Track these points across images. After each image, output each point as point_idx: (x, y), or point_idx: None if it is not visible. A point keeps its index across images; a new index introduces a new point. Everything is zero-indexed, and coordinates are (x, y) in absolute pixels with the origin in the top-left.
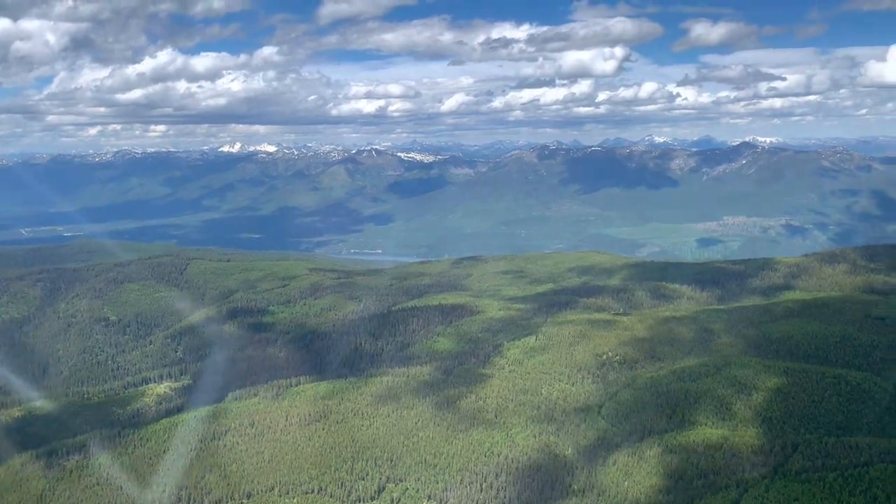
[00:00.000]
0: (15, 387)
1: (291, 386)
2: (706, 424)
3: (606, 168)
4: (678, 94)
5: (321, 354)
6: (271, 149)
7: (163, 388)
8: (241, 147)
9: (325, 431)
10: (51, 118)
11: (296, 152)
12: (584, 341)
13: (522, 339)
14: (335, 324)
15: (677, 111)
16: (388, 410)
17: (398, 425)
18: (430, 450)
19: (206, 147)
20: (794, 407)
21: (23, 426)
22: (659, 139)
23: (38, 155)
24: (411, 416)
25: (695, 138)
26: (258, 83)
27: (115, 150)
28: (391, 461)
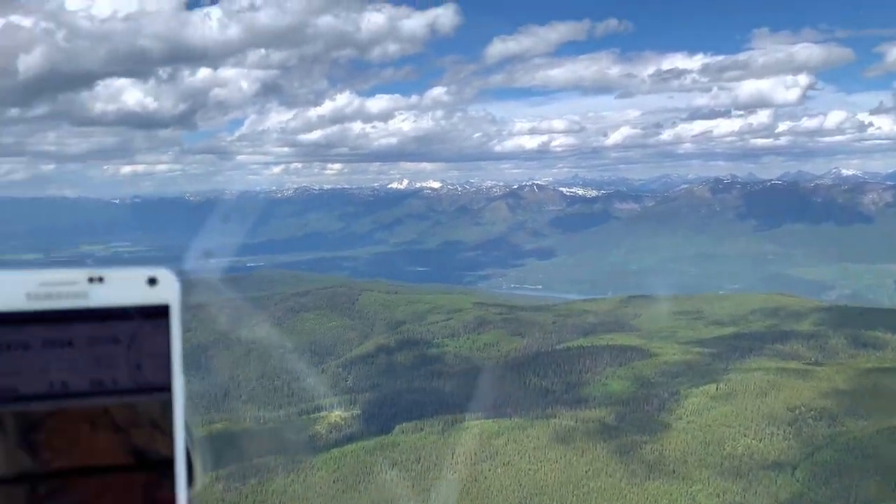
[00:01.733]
0: (202, 407)
1: (457, 422)
2: None
3: (788, 203)
4: (870, 123)
5: (486, 391)
6: (436, 185)
7: (334, 416)
8: (408, 183)
9: (492, 473)
10: (240, 158)
11: (459, 188)
12: (774, 392)
13: (703, 387)
14: (500, 360)
15: (868, 141)
16: (556, 455)
17: (567, 472)
18: (601, 502)
19: (376, 184)
20: None
21: (206, 448)
22: (847, 172)
23: (226, 192)
24: (582, 463)
25: (889, 171)
26: (427, 122)
27: (296, 186)
28: None
